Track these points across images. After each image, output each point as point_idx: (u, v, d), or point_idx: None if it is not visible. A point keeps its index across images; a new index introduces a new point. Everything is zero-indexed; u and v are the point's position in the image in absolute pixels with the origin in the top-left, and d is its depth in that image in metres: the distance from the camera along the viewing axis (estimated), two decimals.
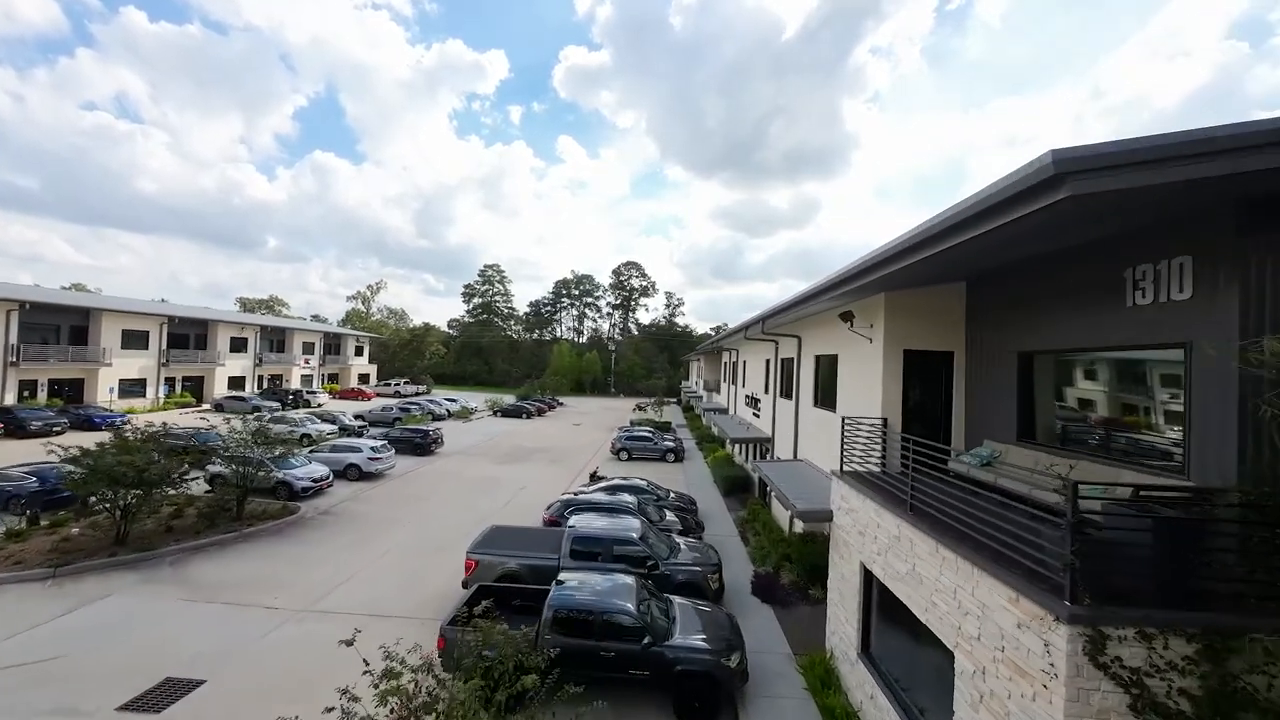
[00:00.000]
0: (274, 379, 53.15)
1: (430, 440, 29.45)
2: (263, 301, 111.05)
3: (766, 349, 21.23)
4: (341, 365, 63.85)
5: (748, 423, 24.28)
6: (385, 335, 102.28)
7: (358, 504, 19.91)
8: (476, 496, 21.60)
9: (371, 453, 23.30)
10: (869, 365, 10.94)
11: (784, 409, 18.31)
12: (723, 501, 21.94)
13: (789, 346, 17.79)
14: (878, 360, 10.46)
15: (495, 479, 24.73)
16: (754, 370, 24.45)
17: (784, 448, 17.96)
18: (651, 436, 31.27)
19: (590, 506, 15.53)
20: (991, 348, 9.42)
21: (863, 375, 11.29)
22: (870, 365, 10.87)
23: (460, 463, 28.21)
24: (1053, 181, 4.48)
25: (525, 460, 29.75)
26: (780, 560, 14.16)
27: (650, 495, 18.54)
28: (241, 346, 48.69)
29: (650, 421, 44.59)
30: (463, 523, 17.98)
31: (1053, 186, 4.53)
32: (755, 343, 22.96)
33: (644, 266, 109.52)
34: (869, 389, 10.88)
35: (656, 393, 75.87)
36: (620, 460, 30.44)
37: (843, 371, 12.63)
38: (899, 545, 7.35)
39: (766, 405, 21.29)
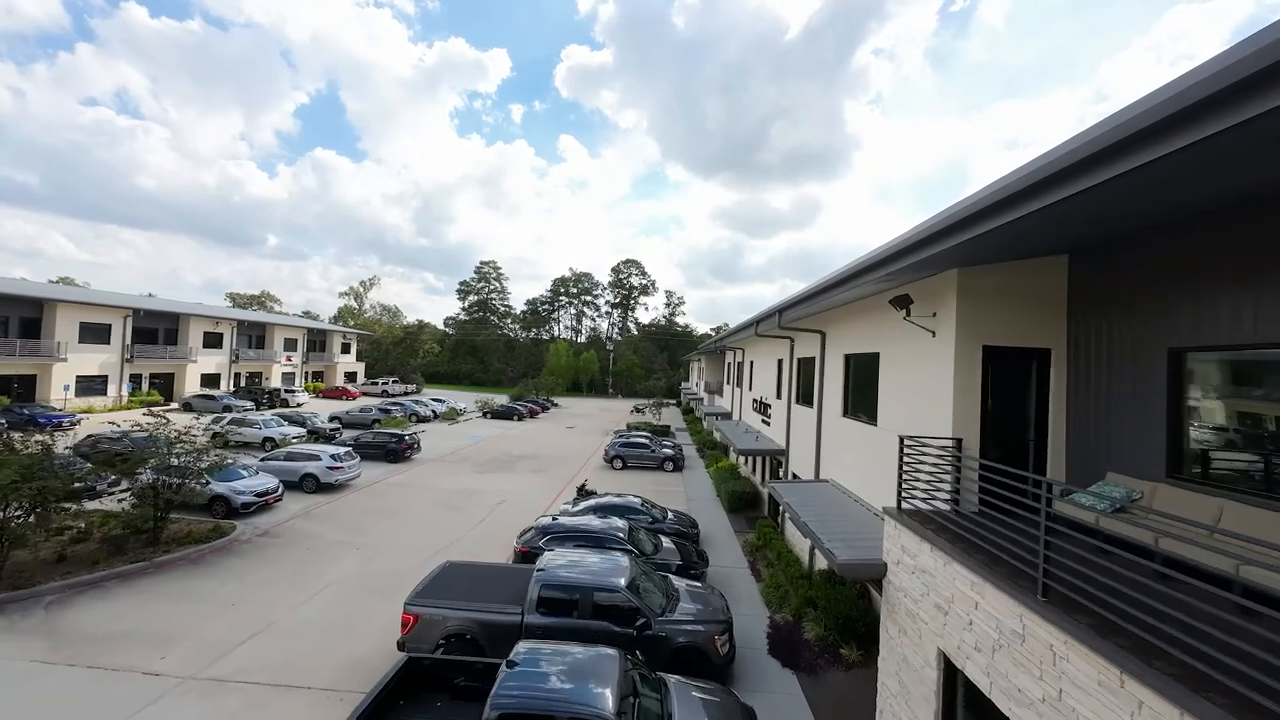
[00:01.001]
0: (253, 377, 50.51)
1: (405, 446, 26.79)
2: (254, 297, 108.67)
3: (779, 347, 18.58)
4: (327, 363, 61.20)
5: (756, 431, 21.65)
6: (378, 333, 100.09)
7: (307, 522, 17.24)
8: (448, 513, 18.95)
9: (332, 461, 20.65)
10: (929, 367, 8.31)
11: (802, 418, 15.66)
12: (727, 520, 19.29)
13: (809, 344, 15.15)
14: (945, 360, 7.82)
15: (473, 491, 22.08)
16: (763, 372, 21.81)
17: (802, 464, 15.31)
18: (648, 443, 28.62)
19: (571, 534, 12.89)
20: (1116, 342, 6.78)
21: (919, 380, 8.65)
22: (932, 367, 8.23)
23: (437, 471, 25.56)
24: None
25: (509, 469, 27.10)
26: (801, 605, 11.50)
27: (644, 516, 15.89)
28: (216, 342, 46.05)
29: (648, 425, 41.99)
30: (425, 547, 15.36)
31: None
32: (766, 341, 20.31)
33: (644, 264, 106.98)
34: (929, 397, 8.24)
35: (655, 394, 73.23)
36: (614, 469, 27.80)
37: (887, 374, 9.99)
38: (1023, 649, 4.71)
39: (779, 412, 18.63)
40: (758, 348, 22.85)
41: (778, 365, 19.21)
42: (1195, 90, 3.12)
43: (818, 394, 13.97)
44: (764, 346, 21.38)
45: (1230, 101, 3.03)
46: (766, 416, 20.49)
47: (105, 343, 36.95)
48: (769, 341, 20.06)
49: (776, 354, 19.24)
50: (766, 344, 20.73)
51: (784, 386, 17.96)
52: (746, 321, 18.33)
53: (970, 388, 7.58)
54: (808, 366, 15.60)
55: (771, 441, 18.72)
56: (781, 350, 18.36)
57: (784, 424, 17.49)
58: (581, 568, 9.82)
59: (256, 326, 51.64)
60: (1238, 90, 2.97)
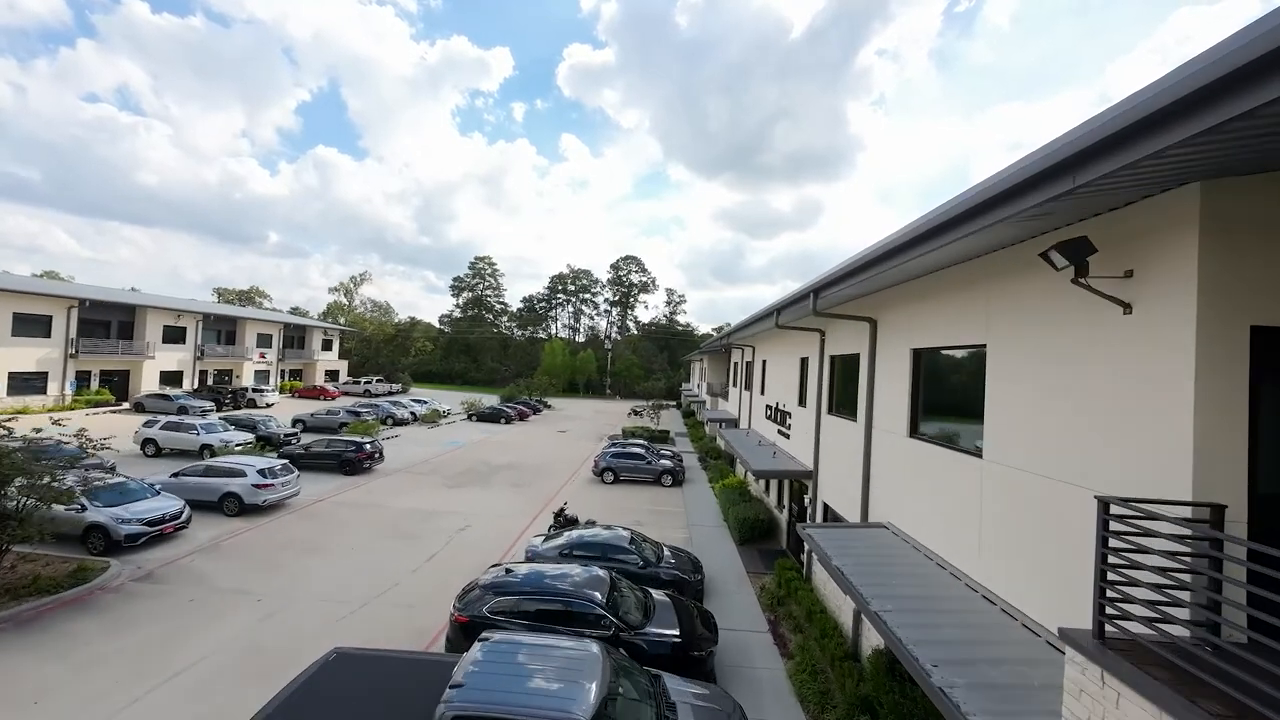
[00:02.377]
0: (222, 374, 47.00)
1: (364, 455, 23.24)
2: (243, 293, 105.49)
3: (803, 343, 15.02)
4: (306, 360, 57.64)
5: (771, 443, 18.09)
6: (368, 330, 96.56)
7: (209, 559, 13.70)
8: (394, 544, 15.40)
9: (259, 477, 17.10)
10: (1116, 366, 4.77)
11: (838, 434, 12.09)
12: (737, 554, 15.73)
13: (849, 336, 11.60)
14: (1167, 353, 4.29)
15: (434, 513, 18.54)
16: (780, 373, 18.24)
17: (839, 493, 11.75)
18: (644, 454, 25.06)
19: (529, 597, 9.34)
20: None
21: (1093, 390, 5.08)
22: (1124, 366, 4.70)
23: (398, 485, 22.01)
24: None
25: (484, 482, 23.55)
26: (851, 710, 7.97)
27: (634, 558, 12.36)
28: (179, 337, 42.52)
29: (645, 430, 38.46)
30: (348, 596, 11.85)
31: None
32: (784, 335, 16.76)
33: (644, 261, 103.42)
34: (1119, 419, 4.70)
35: (654, 396, 69.65)
36: (604, 483, 24.25)
37: (1005, 378, 6.42)
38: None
39: (802, 423, 15.08)
40: (773, 344, 19.28)
41: (800, 366, 15.65)
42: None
43: (865, 403, 10.40)
44: (782, 342, 17.81)
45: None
46: (784, 427, 16.93)
47: (45, 336, 33.44)
48: (789, 336, 16.50)
49: (799, 350, 15.68)
50: (785, 339, 17.16)
51: (810, 391, 14.38)
52: (763, 311, 14.79)
53: (1230, 404, 4.03)
54: (847, 366, 12.05)
55: (793, 460, 15.15)
56: (806, 346, 14.79)
57: (810, 438, 13.93)
58: (524, 679, 6.25)
59: (226, 321, 48.08)
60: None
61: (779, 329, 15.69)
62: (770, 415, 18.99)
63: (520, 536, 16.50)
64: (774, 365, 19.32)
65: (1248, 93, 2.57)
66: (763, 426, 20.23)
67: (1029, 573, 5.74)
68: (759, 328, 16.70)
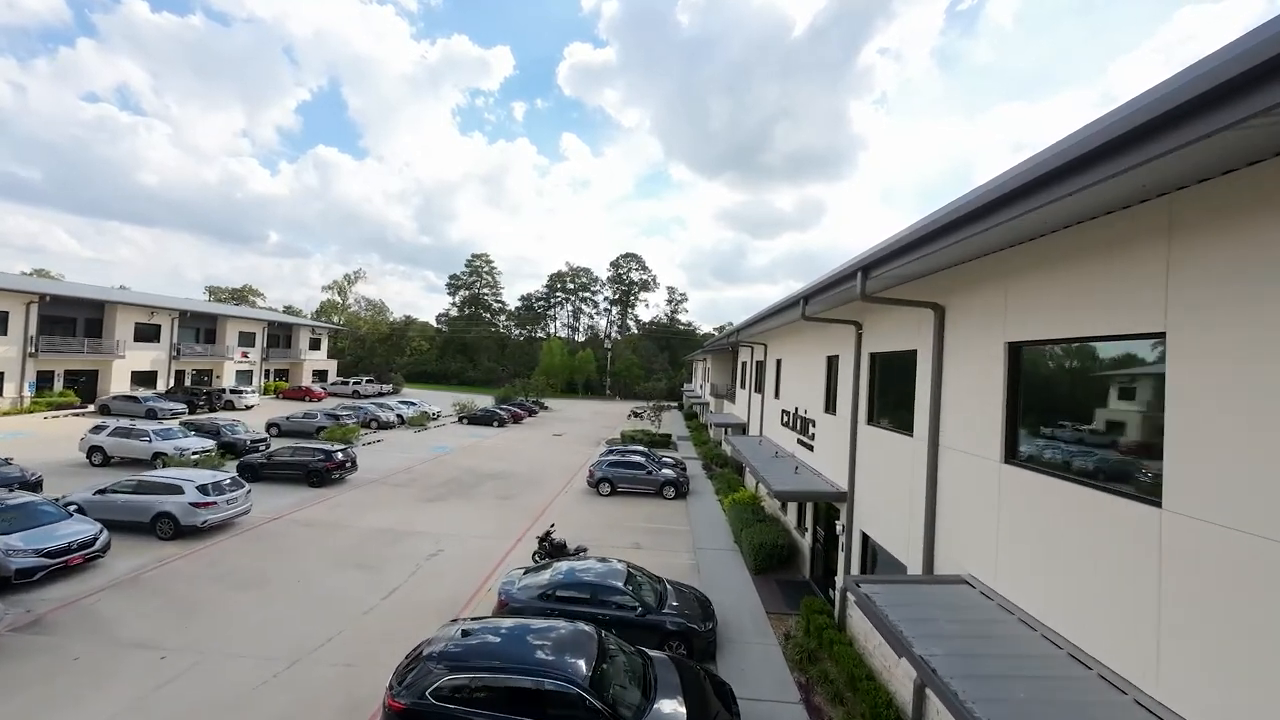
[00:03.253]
0: (201, 375, 44.71)
1: (333, 465, 20.92)
2: (236, 291, 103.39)
3: (833, 339, 12.71)
4: (293, 360, 55.29)
5: (789, 454, 15.77)
6: (363, 329, 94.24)
7: (119, 599, 11.38)
8: (350, 574, 13.10)
9: (199, 494, 14.79)
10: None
11: (885, 451, 9.76)
12: (752, 587, 13.40)
13: (902, 328, 9.29)
14: None
15: (404, 533, 16.23)
16: (801, 375, 15.90)
17: (888, 527, 9.42)
18: (644, 462, 22.72)
19: (487, 671, 7.02)
20: None
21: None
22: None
23: (369, 499, 19.71)
24: None
25: (467, 494, 21.23)
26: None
27: (630, 602, 10.06)
28: (153, 335, 40.22)
29: (646, 434, 36.13)
30: (279, 652, 9.56)
31: None
32: (809, 331, 14.46)
33: (644, 259, 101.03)
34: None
35: (655, 397, 67.30)
36: (599, 495, 21.93)
37: (1203, 389, 4.08)
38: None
39: (831, 434, 12.76)
40: (791, 340, 16.95)
41: (827, 366, 13.32)
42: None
43: (927, 414, 8.08)
44: (802, 338, 15.50)
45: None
46: (806, 437, 14.60)
47: (1, 333, 31.15)
48: (812, 331, 14.20)
49: (825, 348, 13.36)
50: (807, 335, 14.85)
51: (842, 396, 12.05)
52: (785, 300, 12.44)
53: None
54: (895, 367, 9.73)
55: (820, 478, 12.81)
56: (836, 342, 12.48)
57: (842, 453, 11.60)
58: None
59: (204, 318, 45.69)
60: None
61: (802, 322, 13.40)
62: (788, 422, 16.66)
63: (500, 563, 14.20)
64: (792, 365, 16.98)
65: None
66: (778, 434, 17.90)
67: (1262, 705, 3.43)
68: (777, 321, 14.36)
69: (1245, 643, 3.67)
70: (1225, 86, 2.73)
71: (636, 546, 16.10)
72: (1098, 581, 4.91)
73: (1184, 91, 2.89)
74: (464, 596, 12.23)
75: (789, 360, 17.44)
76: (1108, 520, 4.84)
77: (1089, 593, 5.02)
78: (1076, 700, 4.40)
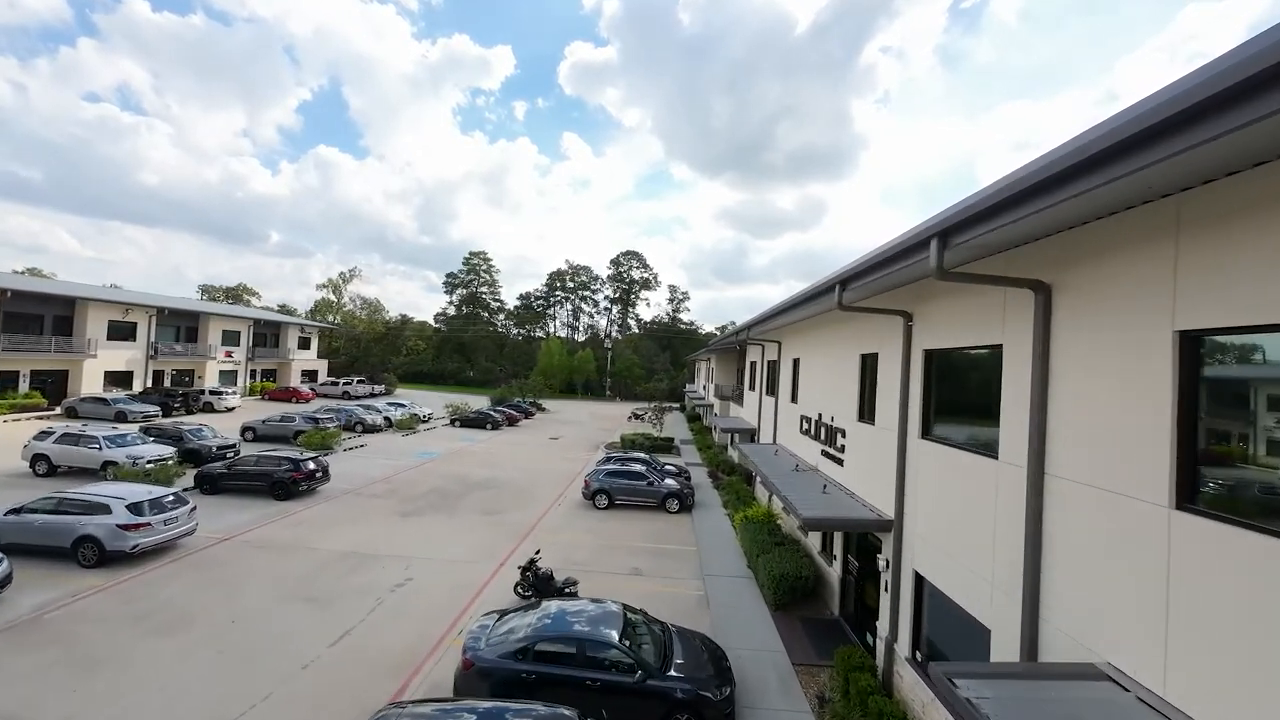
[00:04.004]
0: (182, 375, 42.72)
1: (302, 475, 18.90)
2: (230, 290, 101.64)
3: (871, 333, 10.66)
4: (280, 360, 53.28)
5: (812, 468, 13.71)
6: (359, 328, 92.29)
7: (3, 651, 9.36)
8: (297, 612, 11.08)
9: (129, 514, 12.78)
10: None
11: (950, 473, 7.70)
12: (772, 627, 11.35)
13: (976, 317, 7.25)
14: None
15: (371, 556, 14.22)
16: (825, 376, 13.84)
17: (956, 572, 7.32)
18: (645, 472, 20.68)
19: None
20: None
21: None
22: None
23: (339, 514, 17.69)
24: None
25: (450, 508, 19.21)
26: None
27: (626, 662, 8.02)
28: (128, 333, 38.23)
29: (647, 438, 34.06)
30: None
31: None
32: (836, 324, 12.41)
33: (645, 257, 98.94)
34: None
35: (656, 398, 65.22)
36: (596, 509, 19.88)
37: None
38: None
39: (869, 447, 10.70)
40: (813, 336, 14.90)
41: (861, 366, 11.26)
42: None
43: (1027, 430, 6.02)
44: (828, 333, 13.44)
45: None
46: (834, 449, 12.54)
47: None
48: (840, 325, 12.15)
49: (858, 344, 11.30)
50: (833, 329, 12.79)
51: (884, 403, 9.98)
52: (816, 287, 10.25)
53: None
54: (963, 367, 7.69)
55: (857, 503, 10.72)
56: (874, 337, 10.42)
57: (885, 471, 9.55)
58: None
59: (185, 316, 43.62)
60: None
61: (829, 315, 11.38)
62: (809, 430, 14.59)
63: (477, 596, 12.18)
64: (814, 365, 14.92)
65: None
66: (797, 443, 15.85)
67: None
68: (802, 313, 12.30)
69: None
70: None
71: (636, 573, 14.08)
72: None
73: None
74: (428, 643, 10.19)
75: (810, 359, 15.38)
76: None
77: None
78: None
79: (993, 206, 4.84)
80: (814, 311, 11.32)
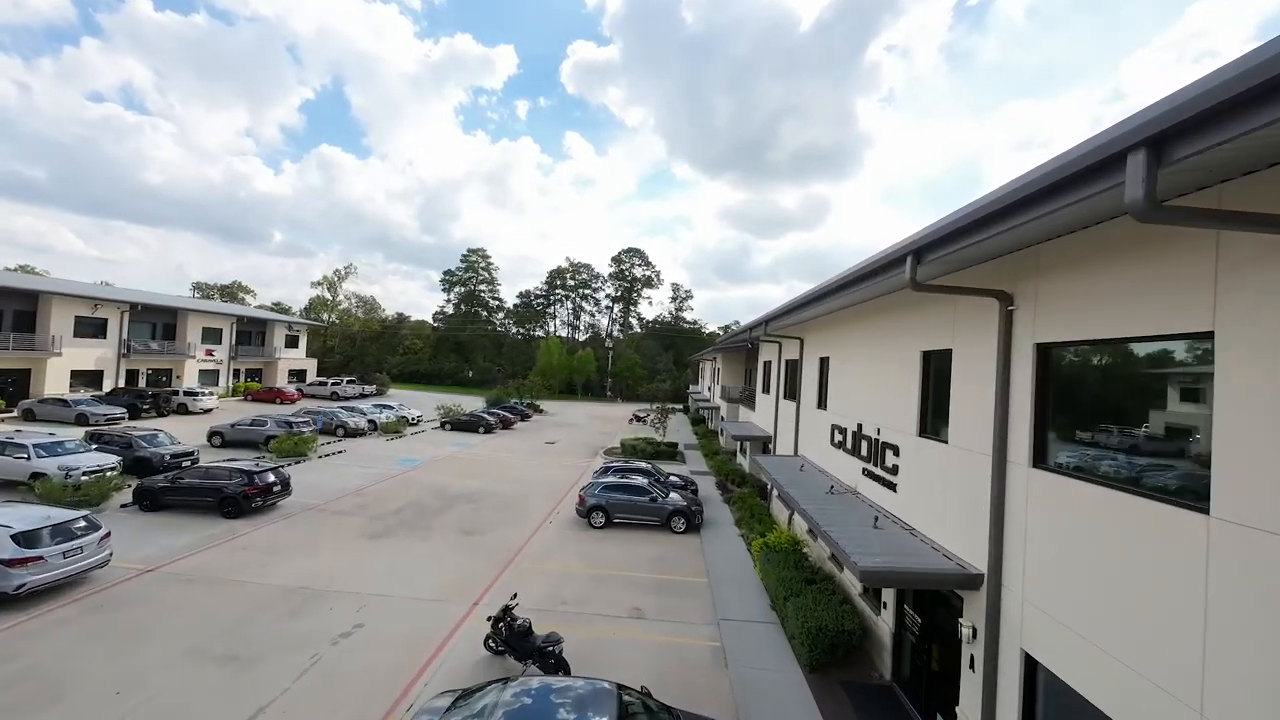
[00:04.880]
0: (158, 375, 40.46)
1: (256, 489, 16.56)
2: (225, 288, 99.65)
3: (944, 323, 8.25)
4: (266, 359, 50.97)
5: (851, 489, 11.29)
6: (355, 327, 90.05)
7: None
8: (203, 678, 8.70)
9: (14, 548, 10.42)
10: None
11: (1099, 523, 5.28)
12: (811, 699, 8.94)
13: (1168, 297, 4.82)
14: None
15: (318, 594, 11.85)
16: (867, 376, 11.40)
17: (1115, 676, 4.88)
18: (648, 486, 18.28)
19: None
20: None
21: None
22: None
23: (293, 537, 15.34)
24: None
25: (425, 527, 16.83)
26: None
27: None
28: (98, 330, 35.95)
29: (649, 443, 31.60)
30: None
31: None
32: (883, 313, 9.99)
33: (647, 254, 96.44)
34: None
35: (659, 398, 62.78)
36: (591, 528, 17.50)
37: None
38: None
39: (941, 471, 8.28)
40: (849, 330, 12.47)
41: (923, 366, 8.83)
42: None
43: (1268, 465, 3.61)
44: (869, 326, 11.02)
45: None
46: (882, 469, 10.12)
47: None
48: (887, 314, 9.73)
49: (917, 338, 8.89)
50: (879, 320, 10.36)
51: (962, 414, 7.56)
52: (877, 261, 7.65)
53: None
54: (1122, 372, 5.31)
55: (929, 547, 8.25)
56: (944, 328, 8.01)
57: (972, 508, 7.15)
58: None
59: (162, 313, 41.34)
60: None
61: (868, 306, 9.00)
62: (845, 443, 12.18)
63: (438, 652, 9.80)
64: (851, 364, 12.49)
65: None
66: (827, 457, 13.44)
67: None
68: (846, 299, 9.88)
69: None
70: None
71: (637, 615, 11.69)
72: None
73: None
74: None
75: (844, 358, 12.96)
76: None
77: None
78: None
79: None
80: (869, 295, 8.94)
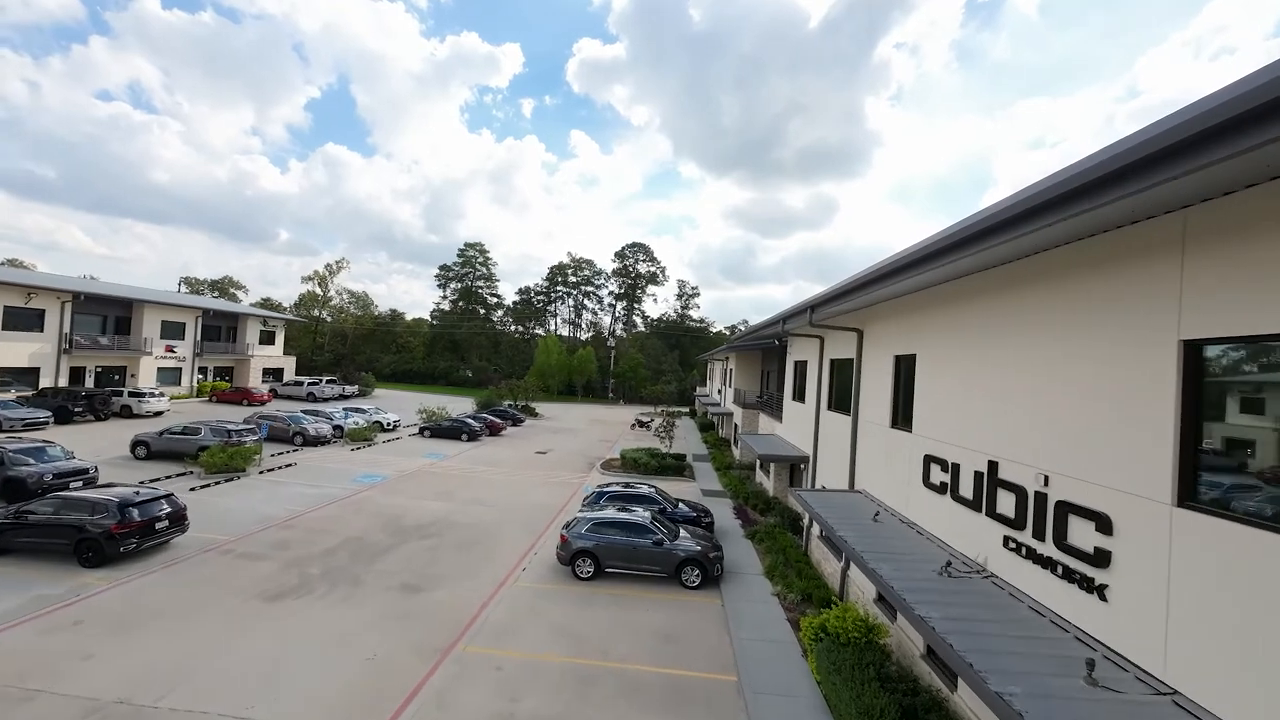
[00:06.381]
0: (109, 372, 36.41)
1: (128, 527, 12.36)
2: (215, 283, 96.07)
3: (1225, 295, 3.83)
4: (238, 356, 46.85)
5: (979, 565, 7.00)
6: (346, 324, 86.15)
7: None
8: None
9: None
10: None
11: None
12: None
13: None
14: None
15: (130, 716, 7.58)
16: (1019, 391, 7.09)
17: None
18: (651, 526, 13.90)
19: None
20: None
21: None
22: None
23: (161, 600, 11.11)
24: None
25: (355, 579, 12.59)
26: None
27: None
28: (34, 323, 31.94)
29: (653, 455, 27.18)
30: None
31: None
32: (1039, 283, 5.63)
33: (652, 250, 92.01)
34: None
35: (664, 400, 58.50)
36: (577, 579, 13.21)
37: None
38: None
39: (1240, 581, 3.90)
40: (961, 315, 8.12)
41: (1183, 372, 4.51)
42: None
43: None
44: (1009, 311, 6.68)
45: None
46: (1060, 548, 5.81)
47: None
48: (1063, 287, 5.39)
49: (1162, 323, 4.56)
50: (1051, 294, 6.04)
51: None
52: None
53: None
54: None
55: (1152, 687, 3.95)
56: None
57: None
58: None
59: (113, 304, 37.22)
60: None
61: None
62: (958, 489, 7.81)
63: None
64: (963, 367, 8.11)
65: None
66: (911, 501, 9.08)
67: None
68: (981, 254, 5.55)
69: None
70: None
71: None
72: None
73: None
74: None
75: (944, 358, 8.60)
76: None
77: None
78: None
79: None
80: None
